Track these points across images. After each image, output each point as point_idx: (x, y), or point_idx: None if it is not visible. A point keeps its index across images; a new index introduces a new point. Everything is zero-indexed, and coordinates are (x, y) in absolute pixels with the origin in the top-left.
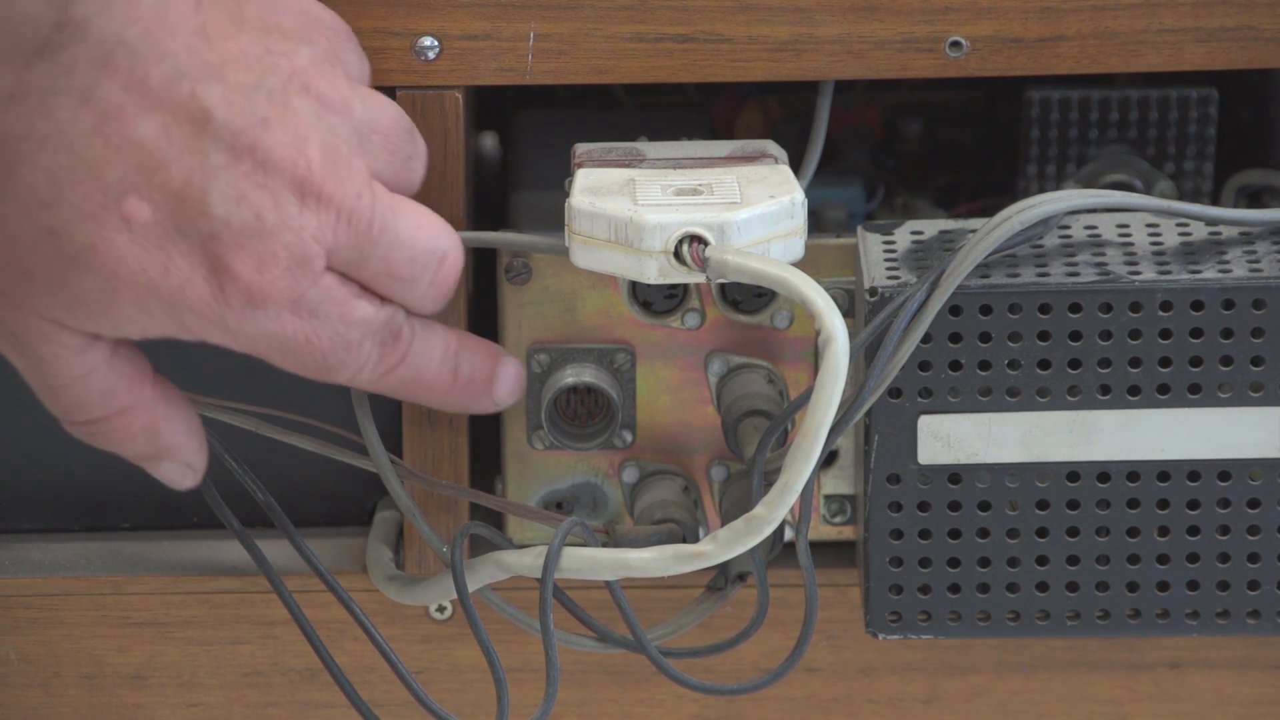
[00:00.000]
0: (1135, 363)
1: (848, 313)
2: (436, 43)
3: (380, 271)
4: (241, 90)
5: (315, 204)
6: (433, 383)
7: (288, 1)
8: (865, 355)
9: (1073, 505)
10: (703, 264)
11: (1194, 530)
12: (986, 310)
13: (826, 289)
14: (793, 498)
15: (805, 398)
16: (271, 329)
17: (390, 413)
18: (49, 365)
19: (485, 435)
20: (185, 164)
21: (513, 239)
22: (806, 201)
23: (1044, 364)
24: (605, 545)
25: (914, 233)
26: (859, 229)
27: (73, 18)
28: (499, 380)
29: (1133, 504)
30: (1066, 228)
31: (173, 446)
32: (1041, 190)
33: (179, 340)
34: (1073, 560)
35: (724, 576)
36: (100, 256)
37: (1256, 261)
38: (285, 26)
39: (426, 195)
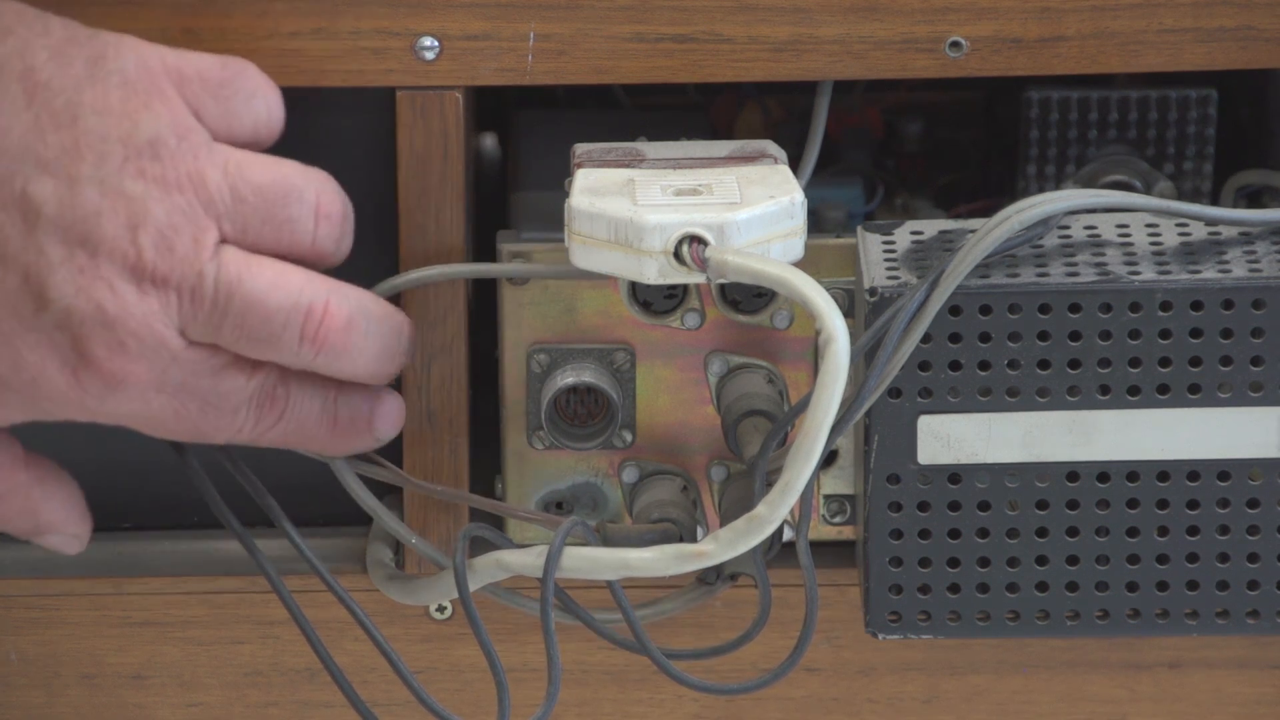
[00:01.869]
0: (1135, 363)
1: (848, 313)
2: (436, 43)
3: (238, 337)
4: (73, 183)
5: (152, 287)
6: (313, 433)
7: (133, 72)
8: (865, 356)
9: (1072, 505)
10: (703, 264)
11: (1194, 530)
12: (986, 310)
13: (826, 289)
14: (794, 497)
15: (807, 402)
16: (135, 408)
17: None
18: None
19: (485, 436)
20: (22, 260)
21: (511, 269)
22: (806, 202)
23: (1044, 364)
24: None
25: (914, 233)
26: (859, 229)
27: None
28: (377, 417)
29: (1132, 504)
30: (1066, 228)
31: (53, 523)
32: (1041, 190)
33: None
34: (1072, 560)
35: (714, 572)
36: None
37: (1256, 261)
38: (128, 105)
39: (427, 196)
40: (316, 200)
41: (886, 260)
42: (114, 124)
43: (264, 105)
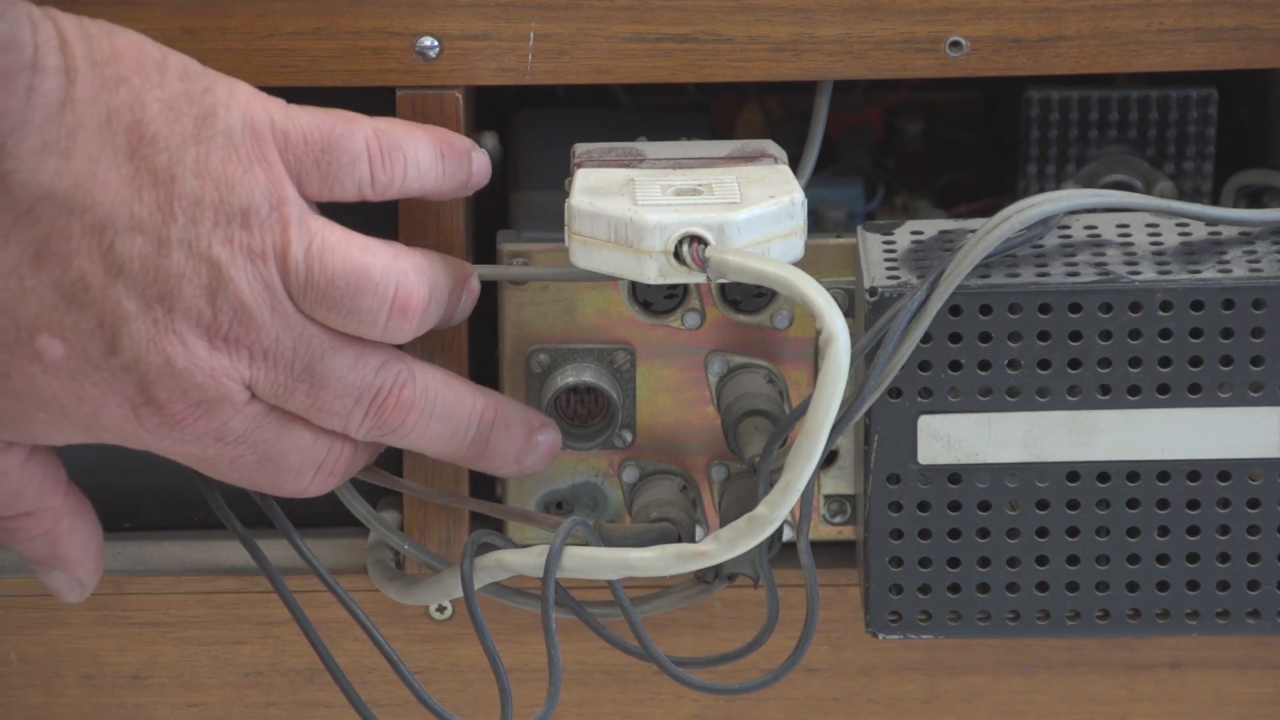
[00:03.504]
0: (1135, 363)
1: (848, 313)
2: (436, 43)
3: (308, 406)
4: (161, 244)
5: (225, 347)
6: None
7: (239, 133)
8: (865, 356)
9: (1073, 505)
10: (703, 264)
11: (1194, 530)
12: (986, 310)
13: (826, 289)
14: (794, 497)
15: (809, 403)
16: (192, 450)
17: None
18: None
19: None
20: (99, 309)
21: (511, 271)
22: (806, 201)
23: (1044, 364)
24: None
25: (914, 233)
26: (859, 229)
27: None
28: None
29: (1133, 504)
30: (1066, 228)
31: (68, 559)
32: (1041, 190)
33: None
34: (1073, 560)
35: (713, 571)
36: (13, 383)
37: (1256, 261)
38: (227, 169)
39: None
40: (393, 295)
41: (887, 260)
42: (210, 188)
43: (367, 168)
